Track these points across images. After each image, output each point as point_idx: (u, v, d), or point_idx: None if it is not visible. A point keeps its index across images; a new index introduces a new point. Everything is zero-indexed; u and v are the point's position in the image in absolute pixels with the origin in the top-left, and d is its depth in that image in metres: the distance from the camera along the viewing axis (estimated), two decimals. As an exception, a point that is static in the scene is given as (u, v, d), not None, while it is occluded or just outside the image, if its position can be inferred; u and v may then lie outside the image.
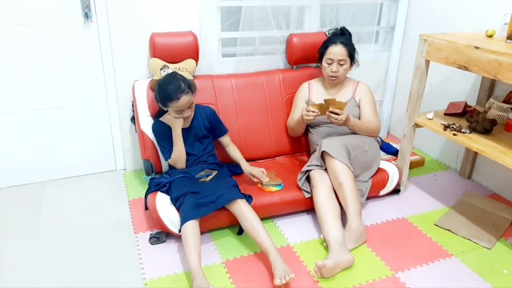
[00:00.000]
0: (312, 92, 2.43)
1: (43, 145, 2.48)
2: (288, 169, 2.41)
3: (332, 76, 2.30)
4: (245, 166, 2.23)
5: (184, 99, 2.03)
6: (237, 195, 1.94)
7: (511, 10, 2.13)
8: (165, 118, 2.19)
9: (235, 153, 2.29)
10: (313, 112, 2.13)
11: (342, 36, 2.33)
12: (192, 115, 2.15)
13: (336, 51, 2.26)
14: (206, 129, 2.23)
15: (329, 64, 2.29)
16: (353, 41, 2.35)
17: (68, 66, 2.36)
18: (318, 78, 2.49)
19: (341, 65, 2.28)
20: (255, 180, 2.17)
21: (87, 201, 2.36)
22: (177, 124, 2.11)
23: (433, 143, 2.93)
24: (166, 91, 2.03)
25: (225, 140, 2.31)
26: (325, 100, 2.10)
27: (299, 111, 2.43)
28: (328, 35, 2.38)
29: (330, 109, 2.08)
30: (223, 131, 2.30)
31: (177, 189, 2.01)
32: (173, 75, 2.11)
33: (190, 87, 2.07)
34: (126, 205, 2.32)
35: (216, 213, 1.93)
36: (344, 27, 2.37)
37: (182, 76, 2.12)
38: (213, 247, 2.01)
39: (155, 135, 2.22)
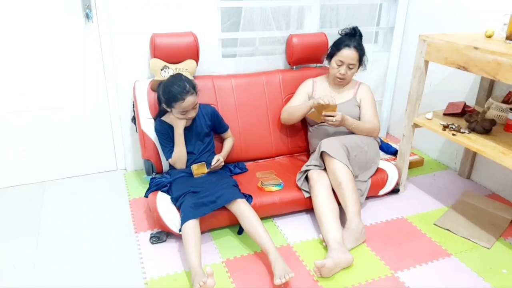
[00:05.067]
0: (315, 90, 2.44)
1: (43, 145, 2.48)
2: (288, 169, 2.42)
3: (339, 78, 2.32)
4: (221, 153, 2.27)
5: (189, 99, 2.05)
6: (237, 195, 1.95)
7: (511, 10, 2.14)
8: (167, 118, 2.19)
9: (224, 144, 2.36)
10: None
11: (355, 37, 2.32)
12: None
13: (349, 54, 2.26)
14: (208, 127, 2.25)
15: (339, 66, 2.30)
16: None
17: (68, 66, 2.37)
18: (322, 76, 2.50)
19: (350, 68, 2.29)
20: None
21: (87, 201, 2.36)
22: (179, 124, 2.12)
23: (432, 143, 2.94)
24: (172, 92, 2.04)
25: (227, 135, 2.37)
26: (315, 107, 2.14)
27: (298, 101, 2.42)
28: (341, 35, 2.35)
29: (324, 113, 2.12)
30: (224, 128, 2.34)
31: (178, 189, 2.01)
32: (178, 76, 2.13)
33: (194, 87, 2.09)
34: (127, 205, 2.33)
35: (216, 212, 1.94)
36: (356, 27, 2.35)
37: (187, 77, 2.13)
38: (213, 246, 2.01)
39: (157, 134, 2.23)
